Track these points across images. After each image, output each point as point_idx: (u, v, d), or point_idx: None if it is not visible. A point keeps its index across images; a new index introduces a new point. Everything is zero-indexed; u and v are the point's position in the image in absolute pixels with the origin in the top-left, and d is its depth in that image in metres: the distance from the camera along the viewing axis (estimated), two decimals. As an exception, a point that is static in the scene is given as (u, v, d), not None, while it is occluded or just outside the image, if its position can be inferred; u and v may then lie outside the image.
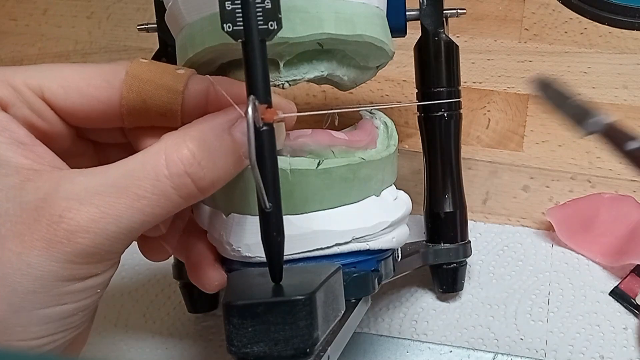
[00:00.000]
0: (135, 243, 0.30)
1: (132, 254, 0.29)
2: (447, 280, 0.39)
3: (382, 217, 0.30)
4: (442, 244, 0.38)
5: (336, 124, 0.34)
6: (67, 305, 0.25)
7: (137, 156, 0.25)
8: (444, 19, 0.38)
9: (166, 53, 0.37)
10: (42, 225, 0.24)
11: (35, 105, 0.27)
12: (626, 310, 0.40)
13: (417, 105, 0.38)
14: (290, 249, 0.28)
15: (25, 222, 0.24)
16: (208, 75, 0.28)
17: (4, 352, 0.23)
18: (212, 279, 0.31)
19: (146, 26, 0.39)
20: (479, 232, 0.43)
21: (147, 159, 0.25)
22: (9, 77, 0.27)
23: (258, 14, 0.24)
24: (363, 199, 0.30)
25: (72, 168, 0.27)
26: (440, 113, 0.37)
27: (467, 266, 0.40)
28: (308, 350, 0.24)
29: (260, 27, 0.24)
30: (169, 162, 0.25)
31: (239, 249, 0.30)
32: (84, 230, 0.24)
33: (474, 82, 0.50)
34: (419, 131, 0.39)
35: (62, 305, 0.25)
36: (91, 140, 0.31)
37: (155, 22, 0.38)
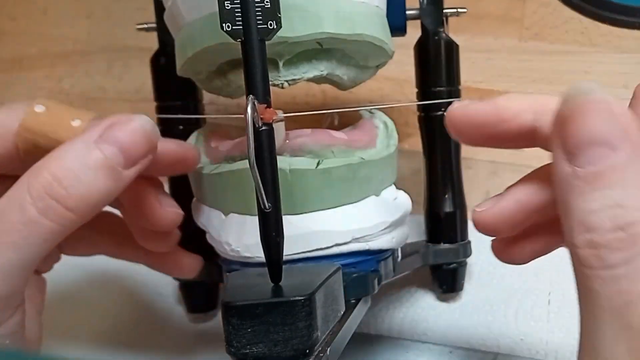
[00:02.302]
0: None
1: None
2: (447, 280, 0.39)
3: (382, 217, 0.30)
4: (442, 244, 0.38)
5: (336, 123, 0.34)
6: (46, 355, 0.25)
7: (5, 194, 0.25)
8: (444, 18, 0.37)
9: (165, 53, 0.37)
10: None
11: None
12: (627, 311, 0.39)
13: (417, 105, 0.38)
14: (290, 249, 0.28)
15: None
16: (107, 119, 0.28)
17: (3, 352, 0.22)
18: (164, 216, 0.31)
19: (145, 26, 0.38)
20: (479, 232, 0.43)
21: (13, 192, 0.25)
22: None
23: (257, 13, 0.24)
24: (363, 199, 0.30)
25: None
26: (440, 113, 0.37)
27: (467, 266, 0.40)
28: (307, 351, 0.24)
29: (259, 26, 0.24)
30: (31, 190, 0.25)
31: (238, 249, 0.29)
32: None
33: (474, 82, 0.50)
34: (419, 131, 0.39)
35: None
36: None
37: (154, 21, 0.38)
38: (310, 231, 0.29)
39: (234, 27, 0.24)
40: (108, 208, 0.30)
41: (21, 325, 0.26)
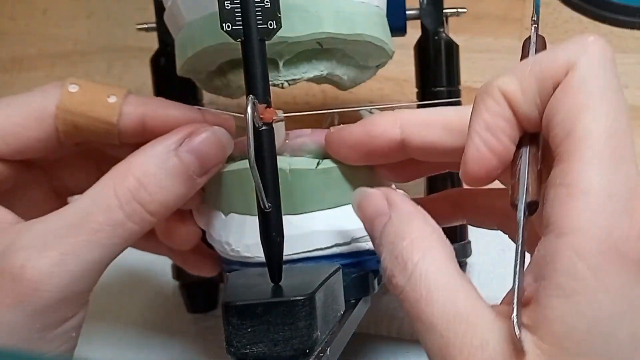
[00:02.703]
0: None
1: (131, 254, 0.29)
2: (447, 280, 0.39)
3: (382, 217, 0.30)
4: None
5: (336, 123, 0.34)
6: (46, 355, 0.25)
7: (88, 193, 0.26)
8: (444, 18, 0.37)
9: (166, 53, 0.37)
10: (6, 280, 0.24)
11: None
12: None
13: (417, 105, 0.38)
14: (290, 249, 0.28)
15: None
16: (145, 99, 0.29)
17: (4, 352, 0.22)
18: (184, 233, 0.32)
19: (145, 26, 0.38)
20: (479, 232, 0.43)
21: (97, 194, 0.26)
22: None
23: (257, 13, 0.24)
24: (363, 199, 0.30)
25: (28, 197, 0.28)
26: (440, 113, 0.37)
27: (467, 266, 0.40)
28: (307, 350, 0.24)
29: (259, 26, 0.24)
30: (118, 192, 0.25)
31: (238, 249, 0.29)
32: (46, 277, 0.24)
33: (474, 82, 0.50)
34: (419, 131, 0.39)
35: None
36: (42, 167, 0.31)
37: (154, 21, 0.38)
38: (310, 231, 0.29)
39: (234, 27, 0.24)
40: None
41: (83, 321, 0.27)
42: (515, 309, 0.20)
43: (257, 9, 0.24)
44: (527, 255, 0.22)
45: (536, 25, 0.26)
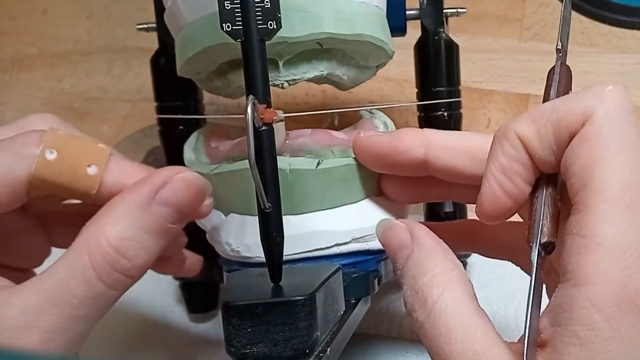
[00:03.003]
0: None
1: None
2: (447, 280, 0.39)
3: (381, 217, 0.30)
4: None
5: (336, 123, 0.34)
6: (46, 355, 0.24)
7: (63, 261, 0.25)
8: (444, 18, 0.37)
9: (166, 53, 0.37)
10: None
11: None
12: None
13: (417, 105, 0.38)
14: (290, 249, 0.28)
15: None
16: (134, 165, 0.28)
17: (4, 352, 0.22)
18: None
19: (145, 26, 0.38)
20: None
21: (73, 263, 0.25)
22: None
23: (257, 13, 0.24)
24: (363, 199, 0.30)
25: (27, 244, 0.28)
26: (440, 113, 0.37)
27: (467, 266, 0.40)
28: (308, 350, 0.24)
29: (259, 26, 0.24)
30: (94, 264, 0.25)
31: (239, 249, 0.29)
32: None
33: (474, 82, 0.50)
34: (419, 131, 0.39)
35: None
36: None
37: (154, 21, 0.38)
38: (310, 231, 0.29)
39: (234, 27, 0.24)
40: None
41: None
42: (525, 350, 0.21)
43: (257, 9, 0.24)
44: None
45: (562, 54, 0.26)
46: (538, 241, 0.23)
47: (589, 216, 0.21)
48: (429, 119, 0.38)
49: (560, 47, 0.26)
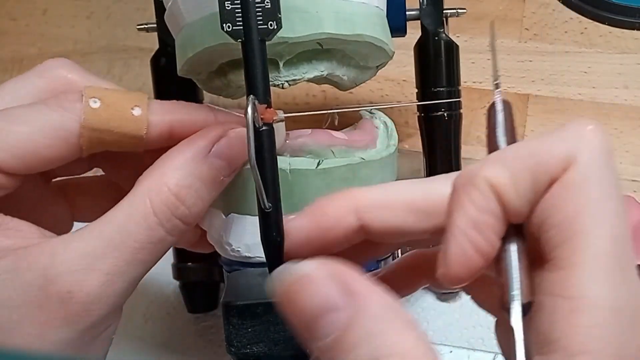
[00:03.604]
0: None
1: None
2: (447, 280, 0.39)
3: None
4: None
5: (336, 123, 0.34)
6: (47, 355, 0.25)
7: (123, 207, 0.25)
8: (444, 19, 0.37)
9: (166, 53, 0.37)
10: (54, 304, 0.24)
11: None
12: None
13: (417, 105, 0.38)
14: (290, 249, 0.28)
15: (35, 304, 0.24)
16: (168, 105, 0.28)
17: (4, 352, 0.22)
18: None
19: (146, 26, 0.38)
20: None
21: (134, 210, 0.25)
22: None
23: (258, 13, 0.24)
24: (363, 199, 0.30)
25: (50, 215, 0.28)
26: (440, 113, 0.37)
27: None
28: (308, 350, 0.24)
29: (259, 27, 0.24)
30: (156, 210, 0.25)
31: (239, 249, 0.29)
32: (96, 298, 0.24)
33: (474, 82, 0.50)
34: (419, 131, 0.39)
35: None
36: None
37: (154, 22, 0.38)
38: (310, 231, 0.29)
39: (234, 28, 0.24)
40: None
41: (114, 333, 0.27)
42: None
43: (257, 9, 0.24)
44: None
45: (500, 90, 0.24)
46: (520, 303, 0.20)
47: (575, 274, 0.19)
48: (429, 119, 0.38)
49: (497, 83, 0.24)
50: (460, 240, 0.20)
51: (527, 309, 0.20)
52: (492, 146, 0.23)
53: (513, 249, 0.21)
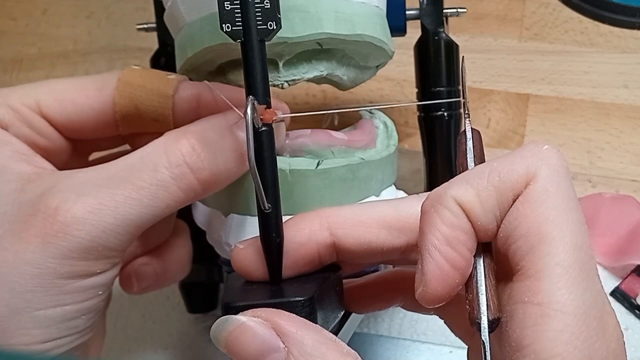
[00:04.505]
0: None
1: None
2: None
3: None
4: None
5: (336, 123, 0.34)
6: (68, 306, 0.24)
7: (137, 151, 0.25)
8: (444, 18, 0.37)
9: (165, 53, 0.37)
10: (38, 220, 0.23)
11: (33, 122, 0.27)
12: (627, 311, 0.39)
13: (417, 105, 0.38)
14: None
15: (22, 219, 0.23)
16: (204, 81, 0.29)
17: (4, 352, 0.22)
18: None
19: (145, 26, 0.38)
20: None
21: (147, 152, 0.25)
22: (6, 98, 0.27)
23: (257, 14, 0.24)
24: (363, 200, 0.30)
25: None
26: (440, 113, 0.37)
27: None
28: None
29: (259, 27, 0.24)
30: (169, 153, 0.25)
31: (239, 249, 0.29)
32: (80, 222, 0.23)
33: (474, 82, 0.50)
34: (419, 131, 0.39)
35: (62, 306, 0.24)
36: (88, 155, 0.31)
37: (154, 21, 0.38)
38: (310, 231, 0.29)
39: (233, 28, 0.24)
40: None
41: (112, 282, 0.26)
42: None
43: (256, 9, 0.24)
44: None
45: (469, 119, 0.25)
46: (487, 318, 0.21)
47: (542, 281, 0.20)
48: (429, 119, 0.38)
49: (467, 113, 0.25)
50: (435, 256, 0.21)
51: (495, 324, 0.21)
52: (463, 169, 0.24)
53: (480, 266, 0.22)
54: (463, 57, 0.27)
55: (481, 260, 0.22)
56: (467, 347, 0.27)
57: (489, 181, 0.21)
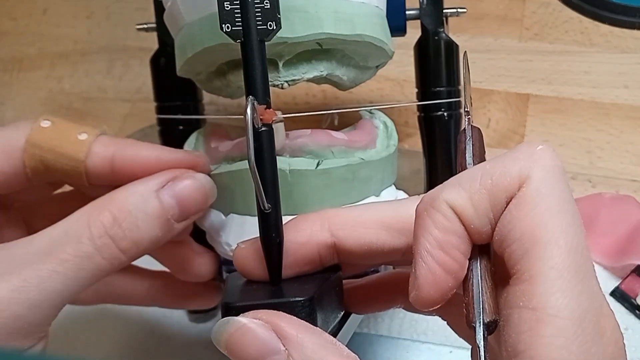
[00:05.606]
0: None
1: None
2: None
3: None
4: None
5: (336, 123, 0.34)
6: (45, 355, 0.24)
7: (61, 223, 0.25)
8: (444, 18, 0.37)
9: (165, 53, 0.37)
10: None
11: None
12: (627, 311, 0.39)
13: (417, 105, 0.38)
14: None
15: None
16: (125, 138, 0.28)
17: (4, 352, 0.22)
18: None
19: (145, 26, 0.38)
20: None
21: (71, 224, 0.25)
22: None
23: (257, 14, 0.24)
24: (362, 200, 0.30)
25: (8, 239, 0.27)
26: (440, 113, 0.37)
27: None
28: None
29: (259, 27, 0.24)
30: (91, 225, 0.25)
31: (239, 249, 0.29)
32: (4, 303, 0.23)
33: (474, 82, 0.50)
34: (419, 131, 0.39)
35: None
36: (13, 206, 0.31)
37: (154, 21, 0.38)
38: (310, 231, 0.29)
39: (233, 28, 0.24)
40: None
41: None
42: None
43: (256, 9, 0.24)
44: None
45: (470, 117, 0.25)
46: (482, 321, 0.21)
47: (537, 285, 0.19)
48: (429, 119, 0.38)
49: (468, 109, 0.25)
50: (427, 260, 0.21)
51: (492, 326, 0.21)
52: (462, 168, 0.24)
53: (477, 269, 0.22)
54: (465, 52, 0.27)
55: (477, 263, 0.22)
56: (469, 347, 0.26)
57: (481, 184, 0.21)
